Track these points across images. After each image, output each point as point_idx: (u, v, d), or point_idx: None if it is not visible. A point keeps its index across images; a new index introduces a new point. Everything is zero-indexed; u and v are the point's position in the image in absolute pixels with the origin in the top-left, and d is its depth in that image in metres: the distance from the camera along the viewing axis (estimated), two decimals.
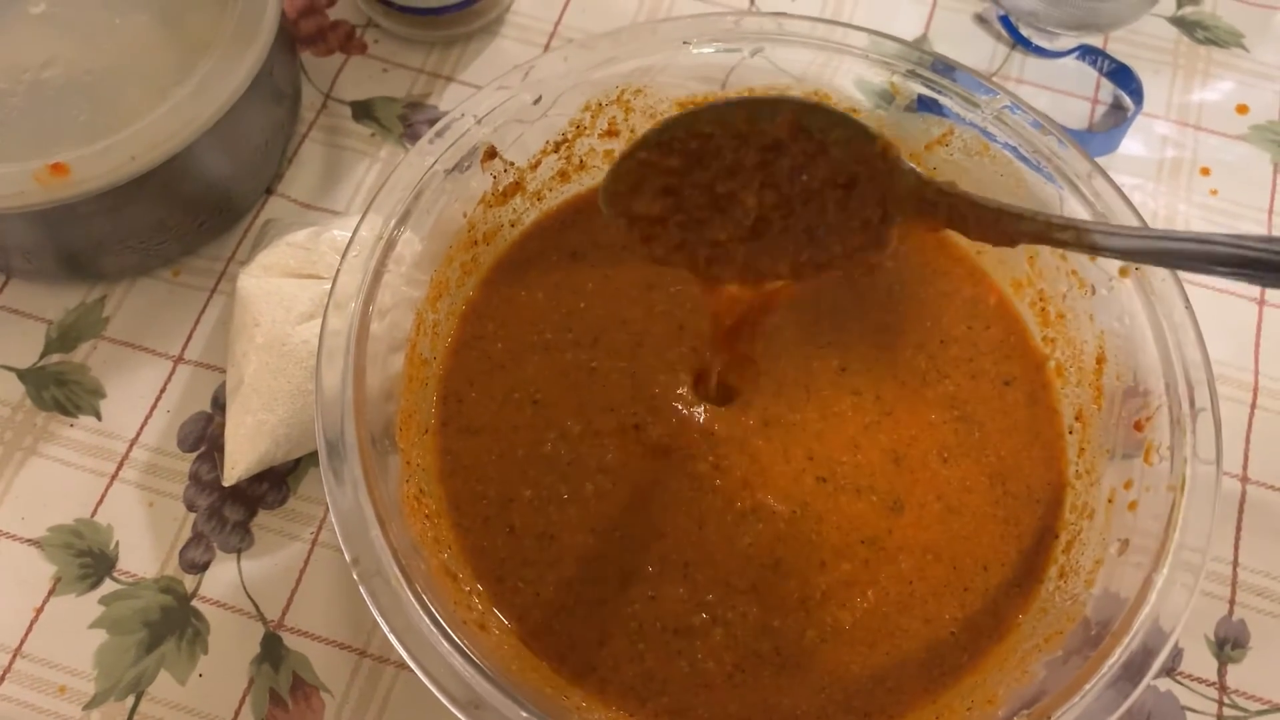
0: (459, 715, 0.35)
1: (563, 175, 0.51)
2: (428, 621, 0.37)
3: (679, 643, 0.42)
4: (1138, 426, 0.44)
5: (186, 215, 0.56)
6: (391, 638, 0.37)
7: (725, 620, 0.42)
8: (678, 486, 0.45)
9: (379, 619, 0.37)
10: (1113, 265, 0.45)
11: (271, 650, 0.49)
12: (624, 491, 0.44)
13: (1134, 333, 0.45)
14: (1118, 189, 0.46)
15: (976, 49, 0.67)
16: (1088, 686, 0.38)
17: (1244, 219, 0.62)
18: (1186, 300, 0.44)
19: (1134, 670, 0.38)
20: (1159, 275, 0.44)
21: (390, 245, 0.43)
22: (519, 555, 0.43)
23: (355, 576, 0.38)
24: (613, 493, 0.45)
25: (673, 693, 0.41)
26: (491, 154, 0.47)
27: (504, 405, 0.47)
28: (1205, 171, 0.64)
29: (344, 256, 0.42)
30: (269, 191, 0.60)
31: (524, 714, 0.36)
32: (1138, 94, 0.64)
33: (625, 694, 0.41)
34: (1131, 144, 0.64)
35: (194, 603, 0.50)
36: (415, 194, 0.44)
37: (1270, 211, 0.63)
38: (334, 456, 0.39)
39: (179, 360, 0.56)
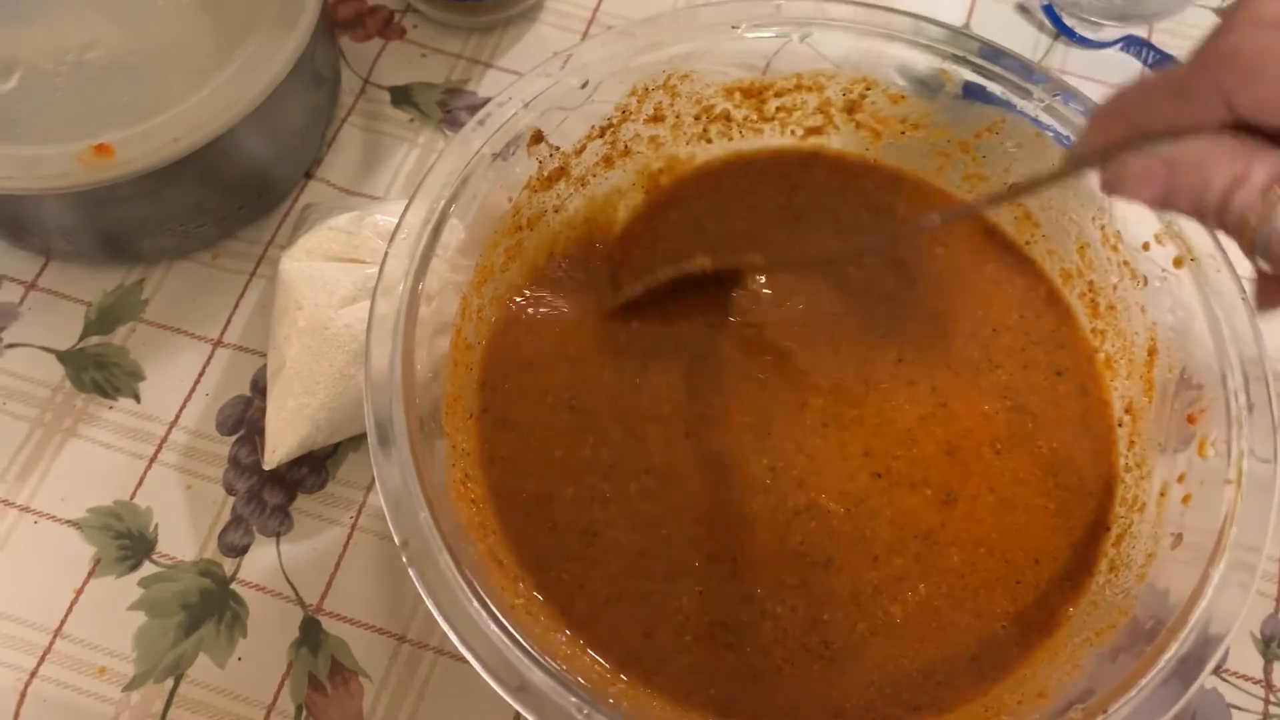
0: (507, 698, 0.35)
1: (607, 160, 0.51)
2: (476, 605, 0.37)
3: (726, 636, 0.42)
4: (1190, 420, 0.43)
5: (226, 198, 0.56)
6: (441, 620, 0.37)
7: (774, 614, 0.42)
8: (728, 486, 0.44)
9: (428, 601, 0.37)
10: (1167, 255, 0.45)
11: (310, 634, 0.49)
12: (671, 491, 0.44)
13: (1187, 325, 0.44)
14: None
15: (1019, 39, 0.66)
16: (1142, 683, 0.37)
17: None
18: (1243, 291, 0.43)
19: (1188, 669, 0.37)
20: (1214, 266, 0.44)
21: (437, 230, 0.43)
22: (562, 549, 0.43)
23: (404, 559, 0.38)
24: (658, 492, 0.44)
25: (720, 684, 0.41)
26: (538, 138, 0.47)
27: (540, 401, 0.46)
28: None
29: (391, 240, 0.42)
30: (308, 176, 0.60)
31: (573, 699, 0.36)
32: None
33: (672, 685, 0.41)
34: None
35: (233, 586, 0.50)
36: (462, 179, 0.44)
37: None
38: (383, 438, 0.39)
39: (218, 344, 0.56)
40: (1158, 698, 0.37)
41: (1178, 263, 0.44)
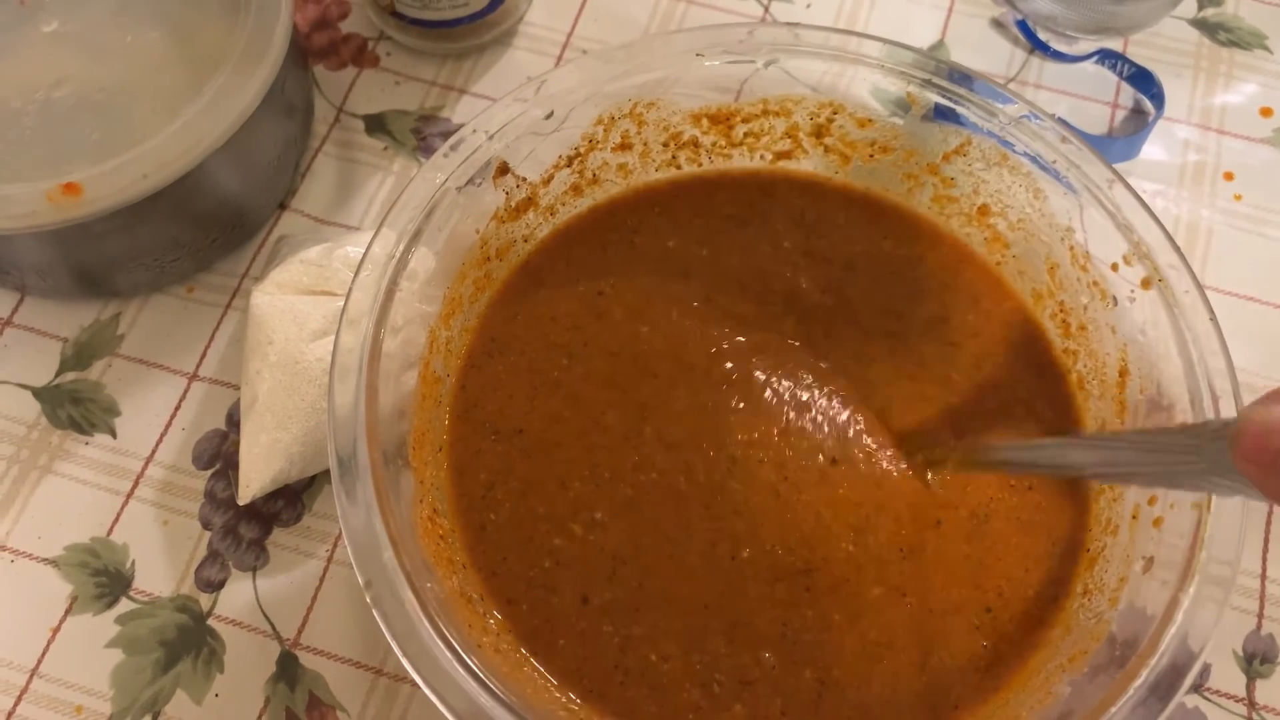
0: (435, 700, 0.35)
1: (575, 189, 0.50)
2: (440, 645, 0.37)
3: (694, 673, 0.42)
4: None
5: (200, 232, 0.55)
6: (404, 661, 0.37)
7: (739, 658, 0.42)
8: (701, 523, 0.44)
9: (392, 643, 0.37)
10: (1135, 275, 0.45)
11: (288, 669, 0.49)
12: (638, 527, 0.44)
13: (1157, 344, 0.44)
14: (1138, 196, 0.45)
15: (994, 54, 0.66)
16: (1114, 709, 0.37)
17: (1268, 223, 0.61)
18: (1210, 311, 0.43)
19: (1163, 690, 0.37)
20: (1182, 286, 0.43)
21: (403, 262, 0.43)
22: (529, 579, 0.43)
23: (368, 600, 0.38)
24: (625, 528, 0.44)
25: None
26: (504, 170, 0.47)
27: (515, 437, 0.46)
28: (1229, 176, 0.63)
29: (356, 274, 0.42)
30: (282, 206, 0.60)
31: None
32: (1159, 98, 0.63)
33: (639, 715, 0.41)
34: (1153, 149, 0.63)
35: (210, 621, 0.50)
36: (427, 211, 0.44)
37: None
38: (346, 475, 0.39)
39: (194, 377, 0.56)
40: (1135, 718, 0.37)
41: (1145, 283, 0.44)
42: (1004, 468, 0.44)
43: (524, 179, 0.48)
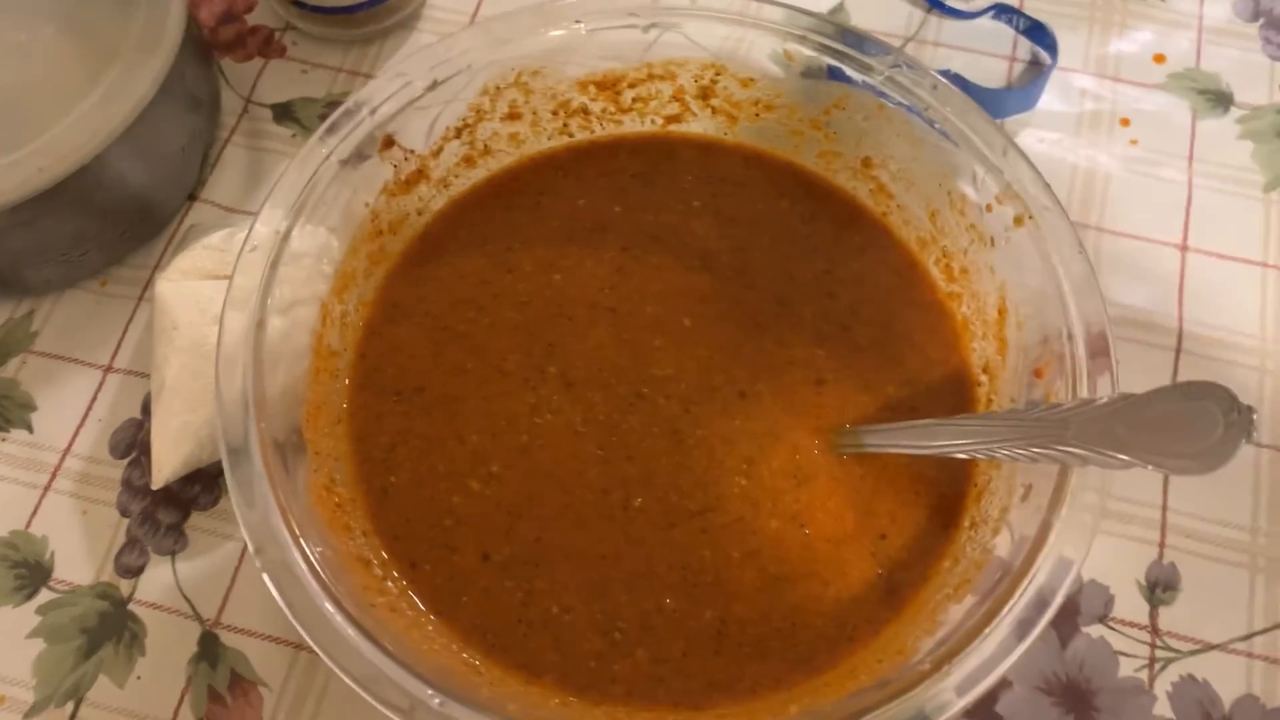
0: (360, 691, 0.36)
1: (468, 160, 0.51)
2: (332, 607, 0.37)
3: (595, 623, 0.43)
4: (1037, 374, 0.44)
5: (107, 225, 0.56)
6: (297, 626, 0.37)
7: (640, 605, 0.43)
8: (593, 470, 0.45)
9: (284, 608, 0.37)
10: (1008, 214, 0.46)
11: (209, 649, 0.50)
12: (532, 477, 0.45)
13: (1030, 281, 0.45)
14: (1007, 138, 0.46)
15: (893, 15, 0.67)
16: (990, 626, 0.38)
17: (1165, 165, 0.63)
18: (1079, 244, 0.44)
19: (1035, 610, 0.38)
20: (1050, 222, 0.44)
21: (286, 240, 0.43)
22: (431, 539, 0.44)
23: (259, 566, 0.38)
24: (520, 479, 0.45)
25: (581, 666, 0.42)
26: (389, 143, 0.47)
27: (415, 396, 0.47)
28: (1125, 122, 0.64)
29: (239, 255, 0.43)
30: (192, 198, 0.61)
31: (430, 691, 0.36)
32: (1053, 49, 0.65)
33: (546, 672, 0.42)
34: (1051, 99, 0.65)
35: (130, 606, 0.51)
36: (311, 187, 0.44)
37: (1190, 158, 0.63)
38: (238, 460, 0.39)
39: (109, 369, 0.56)
40: (1009, 640, 0.38)
41: (1018, 221, 0.45)
42: (894, 448, 0.45)
43: (412, 151, 0.48)
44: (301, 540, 0.38)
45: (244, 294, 0.42)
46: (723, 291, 0.49)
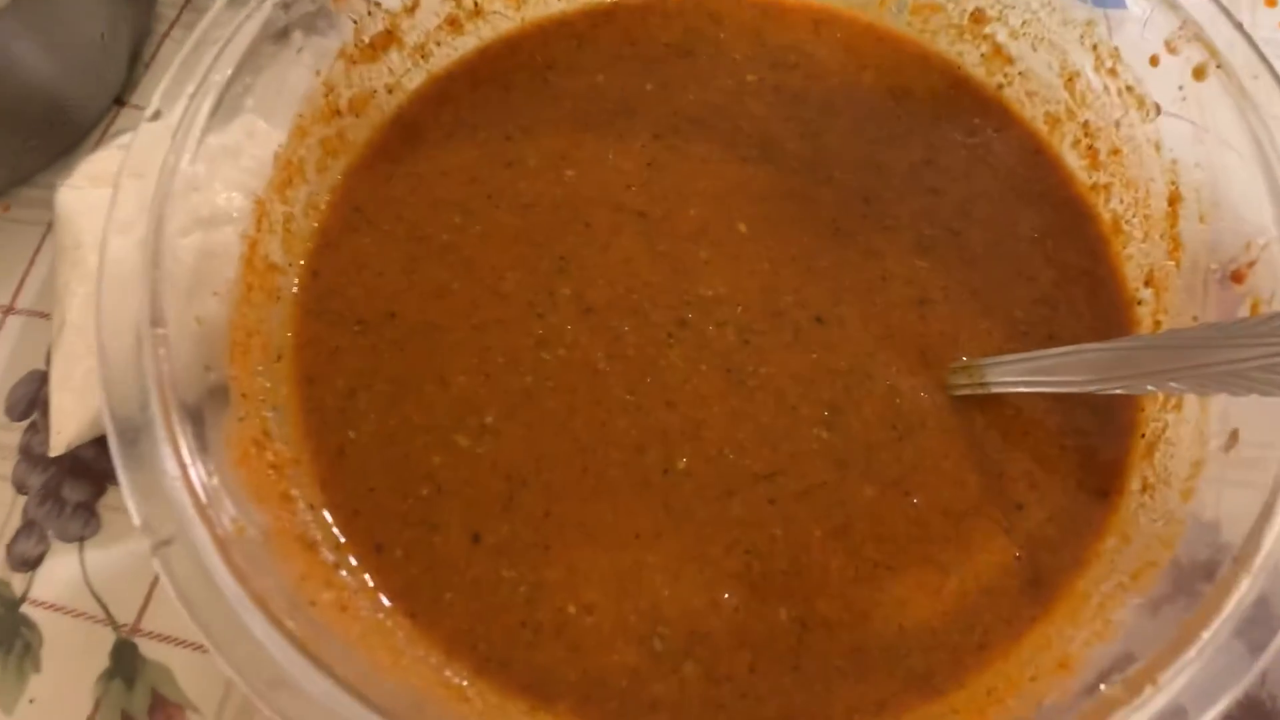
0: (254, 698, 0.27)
1: (453, 23, 0.42)
2: (249, 605, 0.28)
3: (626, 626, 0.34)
4: (1237, 278, 0.34)
5: (7, 133, 0.47)
6: (197, 628, 0.29)
7: (688, 602, 0.34)
8: (622, 420, 0.37)
9: (179, 604, 0.28)
10: (1183, 67, 0.35)
11: (124, 662, 0.41)
12: (539, 430, 0.37)
13: (1219, 155, 0.35)
14: None
15: None
16: (1199, 642, 0.28)
17: None
18: None
19: (1260, 622, 0.28)
20: (1250, 71, 0.34)
21: (194, 131, 0.33)
22: (402, 514, 0.35)
23: (149, 549, 0.28)
24: (523, 433, 0.37)
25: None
26: None
27: (384, 325, 0.38)
28: None
29: (128, 155, 0.32)
30: (120, 102, 0.52)
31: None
32: None
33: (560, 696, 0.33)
34: None
35: (24, 609, 0.42)
36: (236, 56, 0.34)
37: None
38: (123, 409, 0.29)
39: (9, 310, 0.48)
40: (1222, 662, 0.27)
41: (1199, 73, 0.35)
42: (1027, 386, 0.34)
43: (377, 4, 0.38)
44: (211, 512, 0.29)
45: (132, 207, 0.31)
46: (789, 188, 0.41)
